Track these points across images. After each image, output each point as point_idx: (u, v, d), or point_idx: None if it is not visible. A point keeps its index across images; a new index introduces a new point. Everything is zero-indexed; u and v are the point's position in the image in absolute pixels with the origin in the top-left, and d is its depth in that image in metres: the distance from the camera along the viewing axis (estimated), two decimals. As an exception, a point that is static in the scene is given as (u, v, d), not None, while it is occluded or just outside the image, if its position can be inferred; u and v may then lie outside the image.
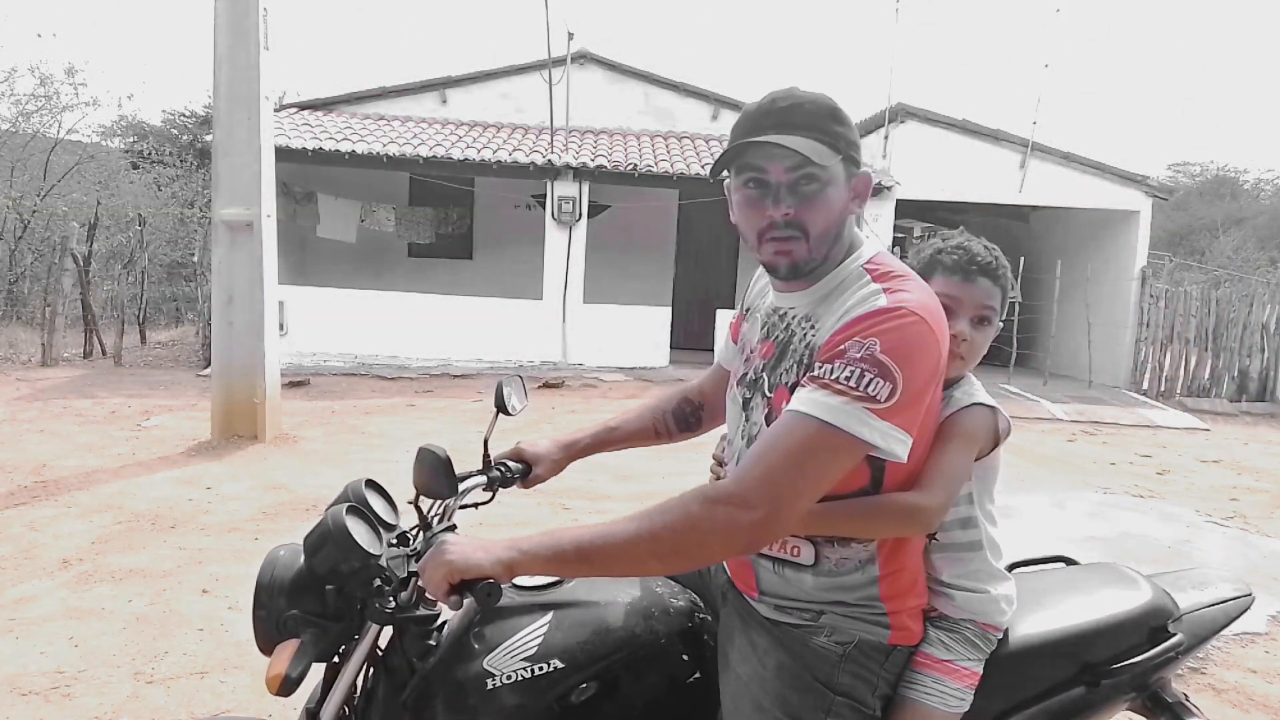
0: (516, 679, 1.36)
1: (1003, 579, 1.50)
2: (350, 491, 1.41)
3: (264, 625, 1.32)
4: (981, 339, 1.53)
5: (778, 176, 1.27)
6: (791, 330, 1.35)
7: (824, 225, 1.29)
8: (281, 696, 1.23)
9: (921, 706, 1.40)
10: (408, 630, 1.38)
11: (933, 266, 1.54)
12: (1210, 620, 1.70)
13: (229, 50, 6.50)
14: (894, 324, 1.20)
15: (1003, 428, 1.48)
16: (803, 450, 1.18)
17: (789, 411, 1.22)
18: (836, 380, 1.18)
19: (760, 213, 1.30)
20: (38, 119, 16.86)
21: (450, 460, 1.42)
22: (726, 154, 1.29)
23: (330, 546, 1.26)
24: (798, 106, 1.28)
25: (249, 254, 6.62)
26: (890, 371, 1.17)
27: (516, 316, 12.01)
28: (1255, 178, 33.52)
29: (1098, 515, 5.73)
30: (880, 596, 1.37)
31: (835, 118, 1.29)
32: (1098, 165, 12.54)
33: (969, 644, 1.44)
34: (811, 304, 1.34)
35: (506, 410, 1.68)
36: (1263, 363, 11.70)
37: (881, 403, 1.17)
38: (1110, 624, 1.57)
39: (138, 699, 2.87)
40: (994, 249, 1.56)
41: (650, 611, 1.45)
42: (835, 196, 1.29)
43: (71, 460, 5.94)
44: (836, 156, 1.28)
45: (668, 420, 1.78)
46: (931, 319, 1.23)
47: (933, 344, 1.21)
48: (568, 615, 1.41)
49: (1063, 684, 1.52)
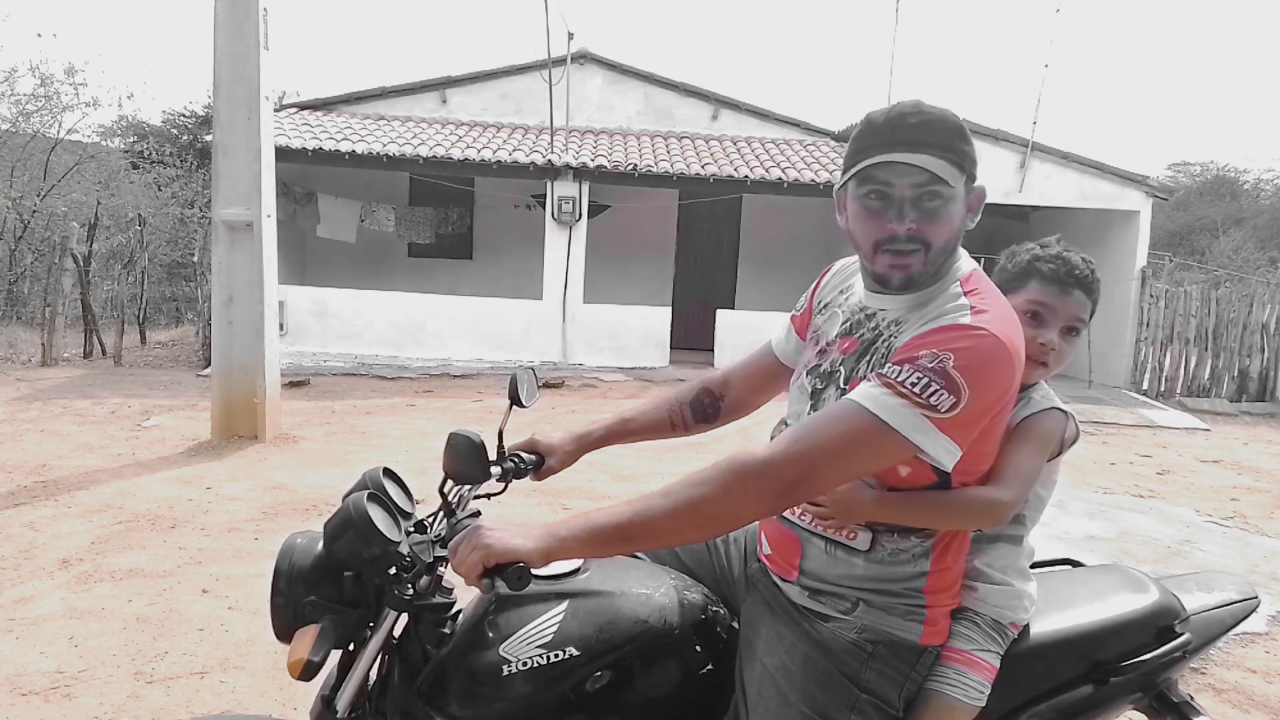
0: (531, 665, 1.37)
1: (1028, 577, 1.54)
2: (369, 479, 1.42)
3: (282, 612, 1.33)
4: (1069, 349, 1.55)
5: (902, 191, 1.29)
6: (879, 331, 1.37)
7: (944, 240, 1.31)
8: (304, 681, 1.24)
9: (944, 698, 1.43)
10: (423, 618, 1.40)
11: (1029, 273, 1.55)
12: (1217, 622, 1.72)
13: (229, 50, 6.50)
14: (972, 342, 1.22)
15: (1070, 433, 1.51)
16: (850, 438, 1.21)
17: (847, 400, 1.23)
18: (903, 384, 1.20)
19: (881, 225, 1.31)
20: (38, 119, 16.82)
21: (484, 446, 1.43)
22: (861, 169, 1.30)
23: (351, 533, 1.27)
24: (927, 124, 1.29)
25: (249, 254, 6.62)
26: (958, 387, 1.19)
27: (516, 316, 12.01)
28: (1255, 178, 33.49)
29: (1098, 515, 5.73)
30: (924, 589, 1.40)
31: (963, 136, 1.31)
32: (1097, 165, 12.53)
33: (988, 636, 1.47)
34: (904, 309, 1.36)
35: (521, 402, 1.68)
36: (1263, 363, 11.70)
37: (942, 413, 1.19)
38: (1119, 624, 1.59)
39: (138, 699, 2.87)
40: (1091, 262, 1.57)
41: (664, 603, 1.47)
42: (956, 213, 1.32)
43: (71, 460, 5.94)
44: (962, 176, 1.30)
45: (685, 412, 1.78)
46: (1010, 343, 1.24)
47: (1008, 367, 1.23)
48: (583, 604, 1.42)
49: (1071, 682, 1.54)
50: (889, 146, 1.27)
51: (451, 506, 1.46)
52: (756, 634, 1.46)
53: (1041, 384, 1.54)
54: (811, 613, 1.42)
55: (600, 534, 1.21)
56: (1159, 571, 1.91)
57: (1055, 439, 1.47)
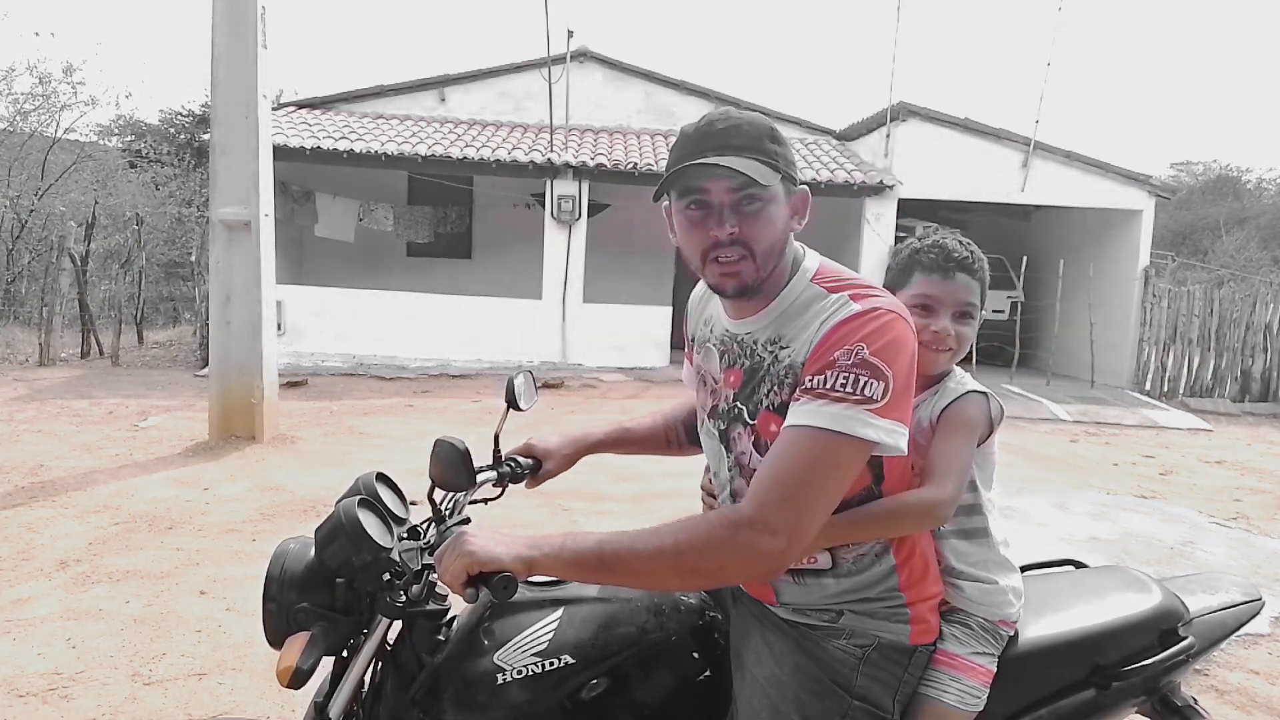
0: (527, 674, 1.35)
1: (1009, 570, 1.52)
2: (361, 484, 1.41)
3: (274, 618, 1.32)
4: (967, 333, 1.55)
5: (720, 197, 1.29)
6: (759, 355, 1.36)
7: (768, 243, 1.31)
8: (293, 689, 1.23)
9: (939, 705, 1.41)
10: (417, 625, 1.38)
11: (911, 267, 1.57)
12: (1220, 624, 1.70)
13: (227, 49, 6.47)
14: (875, 324, 1.23)
15: (995, 413, 1.51)
16: (814, 464, 1.20)
17: (791, 428, 1.23)
18: (832, 389, 1.21)
19: (704, 233, 1.31)
20: (35, 118, 16.82)
21: (469, 453, 1.42)
22: (669, 176, 1.30)
23: (342, 539, 1.26)
24: (735, 128, 1.30)
25: (247, 253, 6.60)
26: (881, 370, 1.21)
27: (515, 316, 11.99)
28: (1258, 177, 33.53)
29: (1101, 516, 5.71)
30: (900, 586, 1.39)
31: (773, 138, 1.32)
32: (1100, 164, 12.51)
33: (982, 638, 1.46)
34: (774, 325, 1.35)
35: (518, 406, 1.67)
36: (1266, 363, 11.69)
37: (878, 401, 1.20)
38: (1121, 626, 1.57)
39: (135, 700, 2.85)
40: (969, 244, 1.58)
41: (661, 608, 1.46)
42: (777, 214, 1.32)
43: (68, 461, 5.91)
44: (776, 175, 1.30)
45: (679, 431, 1.78)
46: (904, 314, 1.28)
47: (909, 338, 1.26)
48: (579, 611, 1.41)
49: (1073, 686, 1.52)
50: (700, 152, 1.29)
51: (441, 513, 1.45)
52: (746, 645, 1.44)
53: (955, 371, 1.55)
54: (799, 624, 1.42)
55: (582, 559, 1.21)
56: (1162, 573, 1.89)
57: (980, 422, 1.46)
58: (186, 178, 17.45)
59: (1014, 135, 12.44)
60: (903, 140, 12.44)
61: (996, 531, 1.52)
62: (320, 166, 12.05)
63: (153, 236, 15.95)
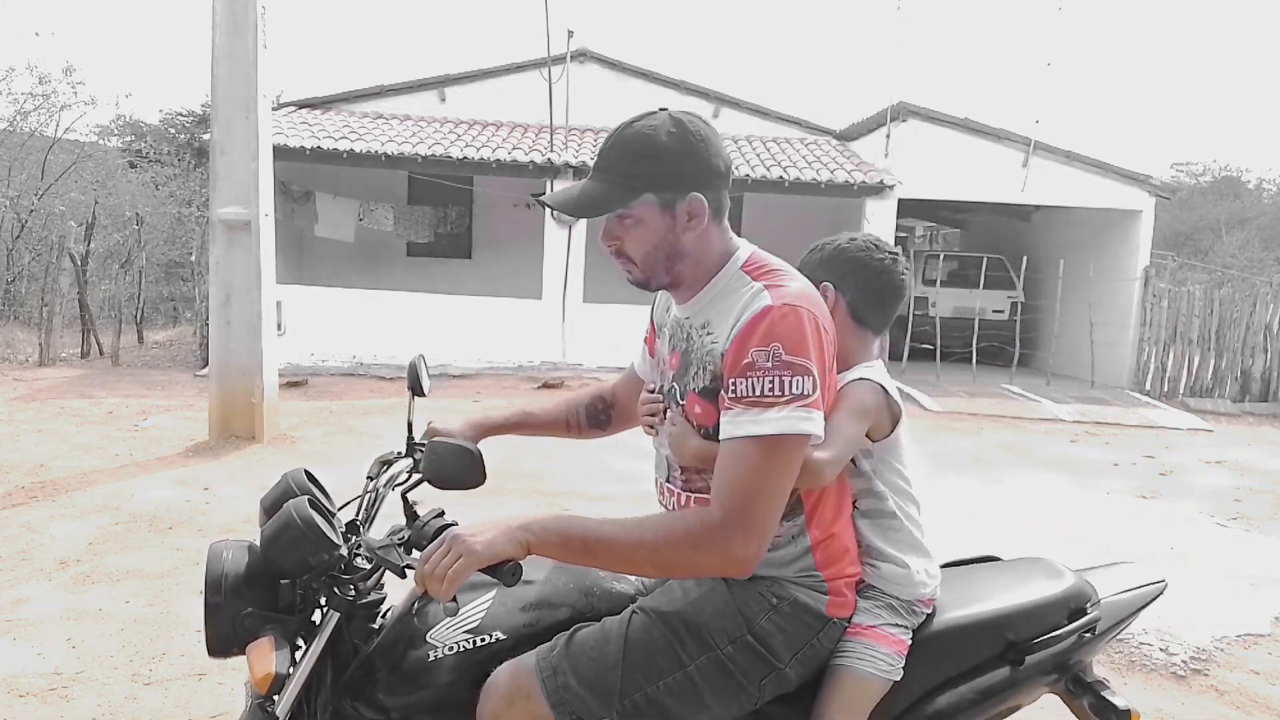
0: (457, 650, 1.41)
1: (923, 553, 1.59)
2: (294, 483, 1.43)
3: (219, 626, 1.31)
4: None
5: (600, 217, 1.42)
6: (691, 338, 1.44)
7: (645, 253, 1.41)
8: (273, 695, 1.25)
9: (853, 671, 1.47)
10: (355, 616, 1.42)
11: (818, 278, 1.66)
12: (1125, 604, 1.80)
13: (227, 48, 6.47)
14: (785, 322, 1.29)
15: (895, 409, 1.58)
16: (768, 470, 1.28)
17: (738, 439, 1.29)
18: (763, 396, 1.28)
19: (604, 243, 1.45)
20: (35, 118, 16.80)
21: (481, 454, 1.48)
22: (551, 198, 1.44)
23: (301, 541, 1.27)
24: (611, 147, 1.38)
25: (247, 253, 6.60)
26: (803, 366, 1.28)
27: (515, 316, 11.98)
28: (1259, 177, 33.57)
29: (1102, 516, 5.71)
30: (816, 565, 1.45)
31: (645, 155, 1.35)
32: (1100, 164, 12.50)
33: (894, 612, 1.53)
34: (703, 310, 1.44)
35: (421, 391, 1.73)
36: (1266, 363, 11.67)
37: (810, 395, 1.28)
38: (1033, 606, 1.66)
39: (135, 700, 2.85)
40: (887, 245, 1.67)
41: (591, 590, 1.54)
42: (652, 227, 1.39)
43: (69, 461, 5.91)
44: (634, 197, 1.36)
45: (580, 415, 1.86)
46: (813, 305, 1.34)
47: (817, 328, 1.32)
48: (512, 591, 1.44)
49: (988, 662, 1.61)
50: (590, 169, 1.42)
51: (414, 512, 1.46)
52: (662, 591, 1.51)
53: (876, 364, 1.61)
54: None
55: (569, 541, 1.28)
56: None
57: (869, 406, 1.52)
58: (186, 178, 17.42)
59: (1014, 135, 12.43)
60: (903, 140, 12.43)
61: (910, 518, 1.59)
62: (320, 166, 12.04)
63: (153, 236, 15.92)
